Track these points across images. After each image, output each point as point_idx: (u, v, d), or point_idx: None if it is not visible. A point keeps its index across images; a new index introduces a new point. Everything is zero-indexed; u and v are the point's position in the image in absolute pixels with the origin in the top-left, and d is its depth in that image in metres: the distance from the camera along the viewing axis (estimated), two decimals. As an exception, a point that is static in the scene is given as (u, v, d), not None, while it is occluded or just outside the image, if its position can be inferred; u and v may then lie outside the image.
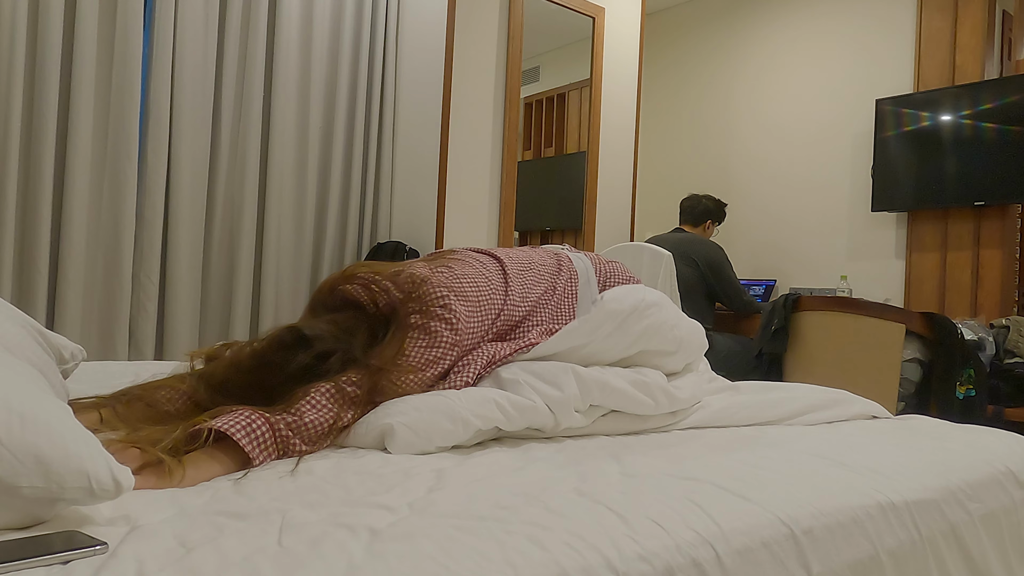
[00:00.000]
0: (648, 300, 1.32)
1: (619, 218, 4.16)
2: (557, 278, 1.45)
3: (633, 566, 0.69)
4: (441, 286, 1.21)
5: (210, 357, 1.20)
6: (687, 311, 3.34)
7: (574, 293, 1.45)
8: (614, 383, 1.20)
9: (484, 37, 3.56)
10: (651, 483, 0.89)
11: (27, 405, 0.69)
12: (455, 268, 1.29)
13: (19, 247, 2.47)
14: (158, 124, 2.70)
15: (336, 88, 3.17)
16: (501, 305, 1.32)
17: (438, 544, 0.67)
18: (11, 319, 1.05)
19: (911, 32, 3.94)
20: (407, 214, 3.42)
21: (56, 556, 0.59)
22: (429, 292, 1.20)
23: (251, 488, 0.82)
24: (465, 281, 1.27)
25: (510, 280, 1.36)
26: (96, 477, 0.66)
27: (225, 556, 0.62)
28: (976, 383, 2.58)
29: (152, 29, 2.70)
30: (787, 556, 0.80)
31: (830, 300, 2.87)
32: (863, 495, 0.94)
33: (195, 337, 2.83)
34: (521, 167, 3.74)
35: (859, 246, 4.10)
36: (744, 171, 4.64)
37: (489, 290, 1.30)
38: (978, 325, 2.95)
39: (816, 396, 1.48)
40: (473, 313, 1.25)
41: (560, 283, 1.44)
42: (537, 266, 1.45)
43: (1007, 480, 1.14)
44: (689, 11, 4.99)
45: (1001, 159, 3.50)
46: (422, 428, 1.03)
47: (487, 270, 1.35)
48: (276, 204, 3.00)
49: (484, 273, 1.32)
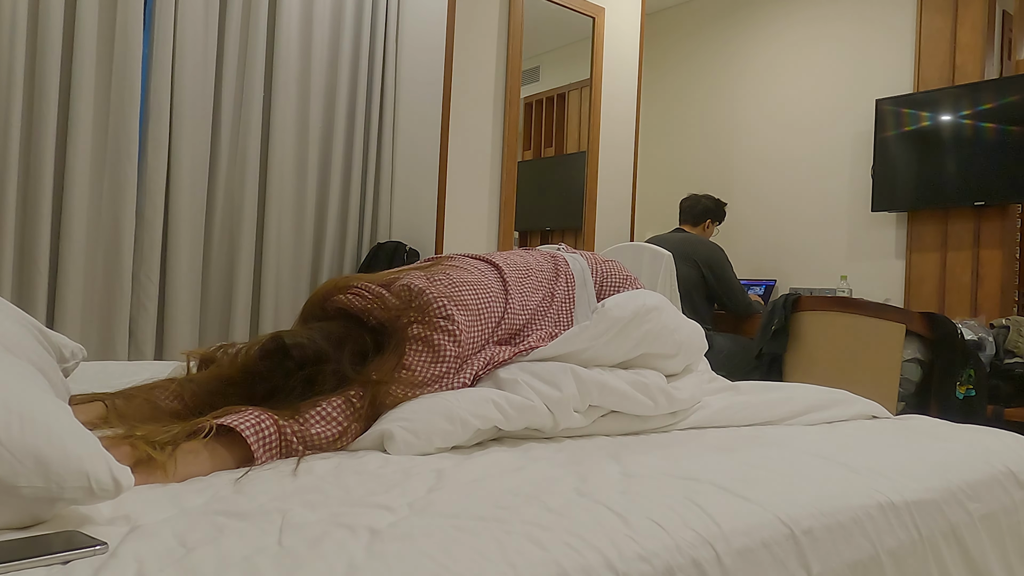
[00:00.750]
0: (649, 305, 1.32)
1: (619, 218, 4.16)
2: (555, 284, 1.44)
3: (633, 566, 0.69)
4: (441, 296, 1.19)
5: (206, 359, 1.19)
6: (687, 311, 3.34)
7: (572, 298, 1.45)
8: (613, 384, 1.20)
9: (484, 37, 3.56)
10: (651, 483, 0.89)
11: (27, 405, 0.68)
12: (453, 275, 1.26)
13: (19, 247, 2.47)
14: (158, 124, 2.70)
15: (336, 88, 3.17)
16: (502, 313, 1.30)
17: (438, 544, 0.67)
18: (11, 318, 1.05)
19: (911, 32, 3.94)
20: (407, 214, 3.42)
21: (56, 556, 0.59)
22: (429, 302, 1.17)
23: (251, 488, 0.82)
24: (464, 289, 1.24)
25: (509, 288, 1.34)
26: (96, 477, 0.66)
27: (225, 556, 0.62)
28: (976, 383, 2.58)
29: (152, 29, 2.70)
30: (787, 556, 0.80)
31: (830, 300, 2.87)
32: (863, 495, 0.94)
33: (195, 337, 2.83)
34: (521, 167, 3.74)
35: (859, 246, 4.10)
36: (744, 171, 4.64)
37: (489, 298, 1.28)
38: (978, 325, 2.95)
39: (816, 396, 1.48)
40: (474, 323, 1.23)
41: (559, 289, 1.43)
42: (535, 272, 1.43)
43: (1007, 480, 1.14)
44: (689, 11, 4.99)
45: (1001, 159, 3.50)
46: (421, 430, 1.03)
47: (486, 277, 1.32)
48: (276, 204, 3.00)
49: (483, 280, 1.30)
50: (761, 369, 2.98)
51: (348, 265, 3.21)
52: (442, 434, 1.04)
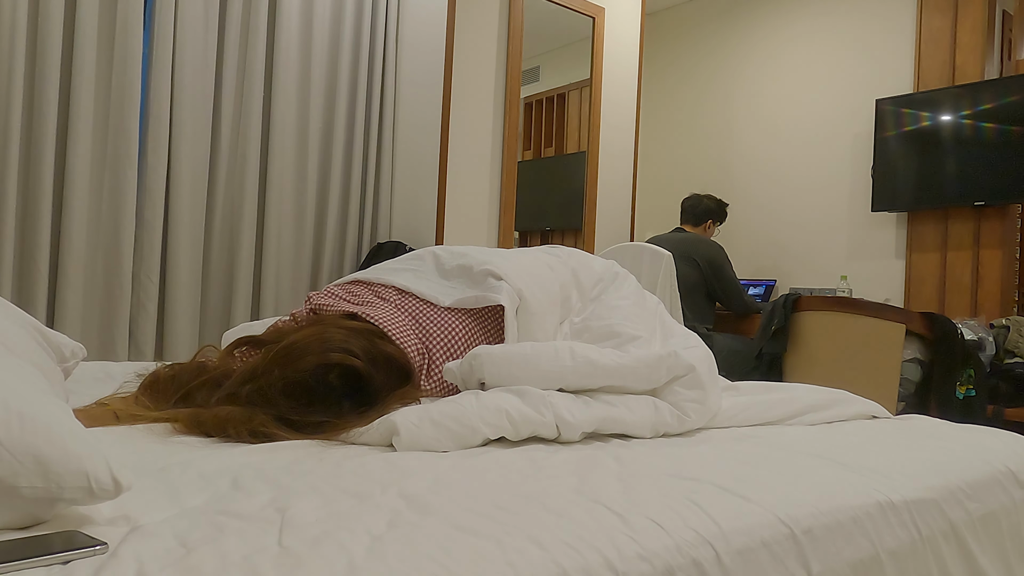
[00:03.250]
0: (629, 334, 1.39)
1: (619, 218, 4.16)
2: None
3: (633, 566, 0.69)
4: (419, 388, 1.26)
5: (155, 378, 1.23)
6: (687, 311, 3.34)
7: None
8: (627, 420, 1.18)
9: (484, 37, 3.56)
10: (651, 483, 0.89)
11: (27, 405, 0.68)
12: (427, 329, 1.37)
13: (19, 247, 2.47)
14: (158, 124, 2.70)
15: (336, 88, 3.17)
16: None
17: (438, 544, 0.67)
18: (11, 318, 1.05)
19: (911, 32, 3.94)
20: (407, 214, 3.42)
21: (56, 556, 0.59)
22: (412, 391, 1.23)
23: (251, 487, 0.82)
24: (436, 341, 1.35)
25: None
26: (96, 477, 0.66)
27: (225, 556, 0.62)
28: (976, 383, 2.58)
29: (152, 29, 2.70)
30: (787, 556, 0.80)
31: (830, 300, 2.87)
32: (863, 495, 0.94)
33: (195, 337, 2.83)
34: (521, 167, 3.74)
35: (859, 246, 4.10)
36: (744, 171, 4.64)
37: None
38: (978, 325, 2.95)
39: (816, 396, 1.48)
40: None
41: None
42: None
43: (1007, 480, 1.14)
44: (689, 11, 4.99)
45: (1001, 159, 3.50)
46: (428, 429, 1.03)
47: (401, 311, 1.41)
48: (276, 204, 3.00)
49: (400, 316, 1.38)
50: (761, 369, 2.98)
51: (348, 265, 3.22)
52: (451, 436, 1.05)
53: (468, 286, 1.49)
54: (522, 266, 1.50)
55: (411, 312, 1.39)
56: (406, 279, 1.50)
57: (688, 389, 1.25)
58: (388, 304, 1.41)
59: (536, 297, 1.44)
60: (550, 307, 1.47)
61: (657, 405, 1.22)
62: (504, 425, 1.08)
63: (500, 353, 1.20)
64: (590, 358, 1.20)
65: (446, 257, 1.60)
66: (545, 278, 1.51)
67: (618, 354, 1.24)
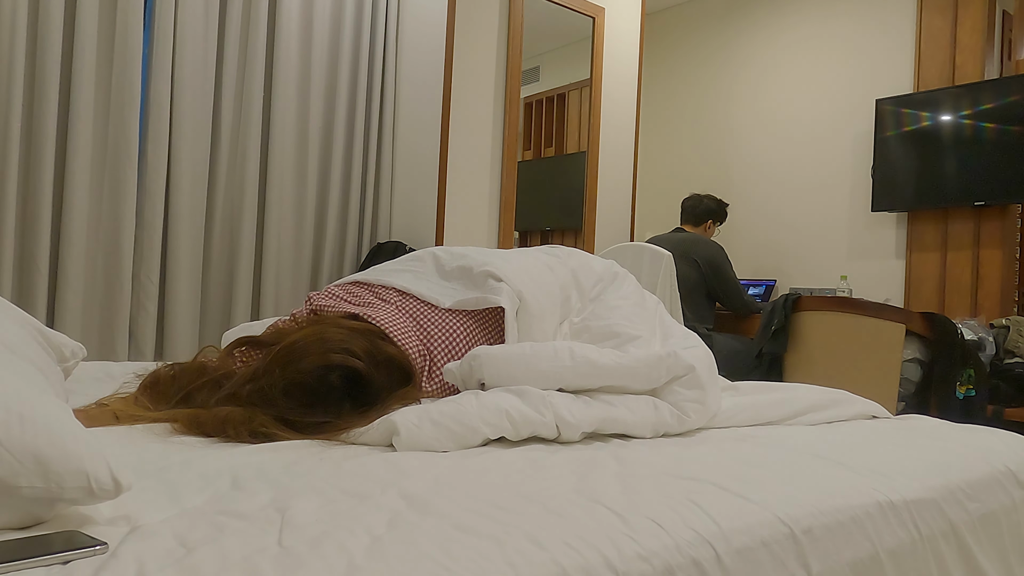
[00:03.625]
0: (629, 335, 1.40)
1: (619, 218, 4.16)
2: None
3: (633, 566, 0.69)
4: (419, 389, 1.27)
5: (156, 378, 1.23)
6: (687, 311, 3.34)
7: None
8: (627, 420, 1.18)
9: (484, 37, 3.56)
10: (651, 483, 0.89)
11: (27, 405, 0.68)
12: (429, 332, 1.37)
13: (19, 247, 2.47)
14: (158, 124, 2.70)
15: (336, 88, 3.17)
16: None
17: (438, 544, 0.67)
18: (11, 318, 1.05)
19: (911, 32, 3.94)
20: (407, 214, 3.42)
21: (56, 556, 0.59)
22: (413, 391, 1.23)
23: (251, 487, 0.82)
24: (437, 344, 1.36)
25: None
26: (96, 477, 0.66)
27: (225, 556, 0.62)
28: (976, 383, 2.58)
29: (152, 29, 2.70)
30: (787, 556, 0.80)
31: (830, 300, 2.87)
32: (863, 495, 0.94)
33: (195, 337, 2.83)
34: (521, 167, 3.74)
35: (859, 246, 4.10)
36: (744, 171, 4.64)
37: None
38: (978, 325, 2.95)
39: (816, 396, 1.48)
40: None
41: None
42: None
43: (1007, 480, 1.14)
44: (689, 11, 4.99)
45: (1001, 159, 3.50)
46: (428, 428, 1.03)
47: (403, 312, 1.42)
48: (276, 204, 3.00)
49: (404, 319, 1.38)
50: (761, 369, 2.99)
51: (348, 265, 3.22)
52: (451, 436, 1.04)
53: (468, 287, 1.49)
54: (522, 267, 1.50)
55: (412, 314, 1.39)
56: (406, 280, 1.50)
57: (688, 389, 1.25)
58: (389, 305, 1.41)
59: (536, 298, 1.44)
60: (550, 308, 1.47)
61: (657, 405, 1.22)
62: (504, 425, 1.08)
63: (500, 353, 1.20)
64: (590, 358, 1.20)
65: (446, 258, 1.60)
66: (545, 279, 1.51)
67: (618, 354, 1.24)
